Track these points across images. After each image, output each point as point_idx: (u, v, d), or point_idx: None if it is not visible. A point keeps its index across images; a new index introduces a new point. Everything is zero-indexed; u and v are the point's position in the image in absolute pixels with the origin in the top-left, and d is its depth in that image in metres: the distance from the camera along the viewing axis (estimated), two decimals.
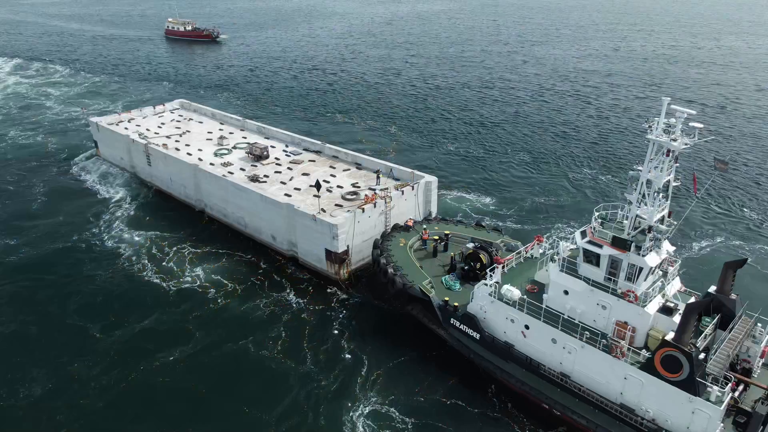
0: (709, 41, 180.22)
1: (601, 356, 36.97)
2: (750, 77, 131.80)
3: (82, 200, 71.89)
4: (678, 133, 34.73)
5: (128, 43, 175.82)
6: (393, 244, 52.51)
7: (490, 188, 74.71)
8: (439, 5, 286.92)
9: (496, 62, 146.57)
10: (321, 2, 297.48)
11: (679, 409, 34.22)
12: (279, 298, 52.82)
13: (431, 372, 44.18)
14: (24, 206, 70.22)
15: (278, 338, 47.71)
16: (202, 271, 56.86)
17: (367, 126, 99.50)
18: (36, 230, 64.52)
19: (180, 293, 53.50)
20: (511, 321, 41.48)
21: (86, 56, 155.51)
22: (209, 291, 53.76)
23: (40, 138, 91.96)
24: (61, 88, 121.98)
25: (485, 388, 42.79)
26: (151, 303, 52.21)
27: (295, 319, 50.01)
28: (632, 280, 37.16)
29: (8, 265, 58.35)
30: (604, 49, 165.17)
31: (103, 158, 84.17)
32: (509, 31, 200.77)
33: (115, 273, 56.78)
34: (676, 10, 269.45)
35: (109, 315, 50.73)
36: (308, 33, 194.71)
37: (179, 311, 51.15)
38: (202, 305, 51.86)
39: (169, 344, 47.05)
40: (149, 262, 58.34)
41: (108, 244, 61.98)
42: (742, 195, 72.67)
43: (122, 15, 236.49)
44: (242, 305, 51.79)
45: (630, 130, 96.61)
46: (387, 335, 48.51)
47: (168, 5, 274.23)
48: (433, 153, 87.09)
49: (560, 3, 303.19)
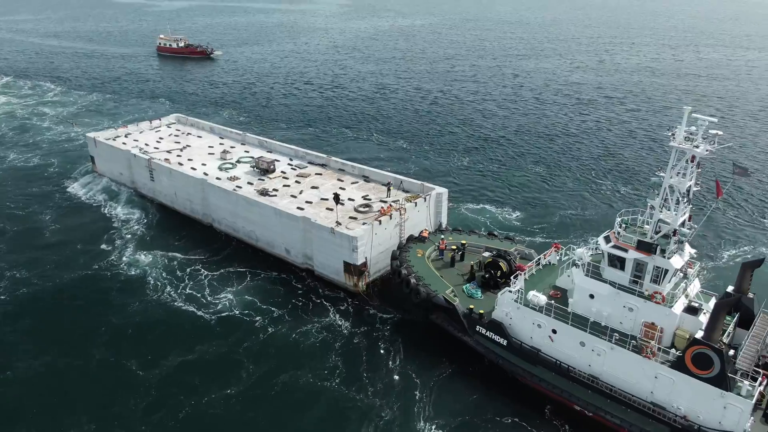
0: (691, 53, 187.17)
1: (631, 357, 38.59)
2: (736, 86, 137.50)
3: (92, 223, 70.20)
4: (700, 140, 36.87)
5: (120, 60, 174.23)
6: (411, 255, 53.78)
7: (502, 199, 76.72)
8: (420, 20, 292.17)
9: (488, 77, 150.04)
10: (302, 18, 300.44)
11: (711, 405, 35.93)
12: (321, 321, 51.81)
13: (478, 388, 44.47)
14: (34, 234, 67.22)
15: (329, 364, 46.53)
16: (232, 295, 55.29)
17: (370, 140, 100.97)
18: (50, 259, 61.54)
19: (221, 322, 51.60)
20: (537, 326, 42.93)
21: (77, 74, 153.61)
22: (249, 318, 52.06)
23: (38, 159, 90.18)
24: (56, 107, 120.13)
25: (540, 407, 42.75)
26: (190, 333, 50.22)
27: (341, 342, 49.12)
28: (658, 282, 39.03)
29: (27, 297, 55.26)
30: (590, 62, 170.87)
31: (100, 174, 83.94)
32: (493, 46, 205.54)
33: (142, 301, 54.51)
34: (653, 24, 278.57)
35: (145, 348, 48.35)
36: (295, 49, 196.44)
37: (223, 341, 49.11)
38: (242, 332, 50.24)
39: (218, 378, 44.91)
40: (175, 287, 56.49)
41: (127, 269, 59.86)
42: (754, 197, 76.43)
43: (105, 32, 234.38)
44: (287, 331, 50.36)
45: (630, 139, 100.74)
46: (422, 348, 48.50)
47: (145, 21, 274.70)
48: (441, 165, 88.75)
49: (537, 18, 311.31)
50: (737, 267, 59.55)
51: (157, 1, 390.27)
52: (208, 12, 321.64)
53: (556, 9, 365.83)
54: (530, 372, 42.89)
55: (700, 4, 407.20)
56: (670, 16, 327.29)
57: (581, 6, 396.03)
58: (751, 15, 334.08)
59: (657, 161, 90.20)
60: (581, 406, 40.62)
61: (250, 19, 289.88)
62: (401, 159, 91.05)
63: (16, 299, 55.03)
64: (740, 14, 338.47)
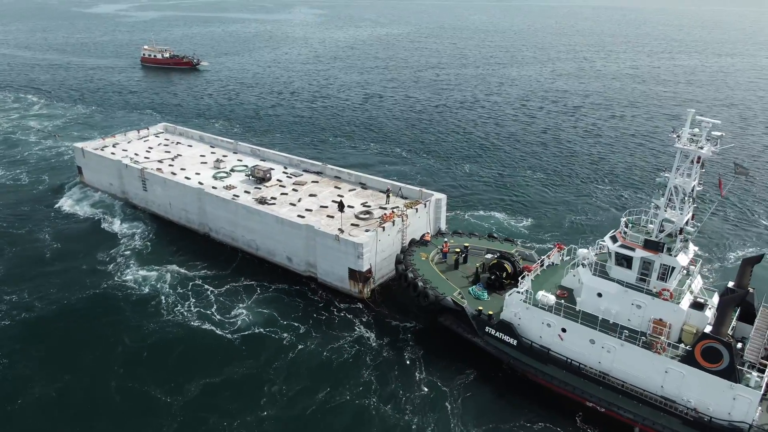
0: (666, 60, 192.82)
1: (641, 353, 39.95)
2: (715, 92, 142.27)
3: (90, 239, 68.07)
4: (704, 141, 38.64)
5: (102, 71, 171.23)
6: (415, 259, 54.68)
7: (503, 204, 78.16)
8: (397, 29, 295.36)
9: (473, 85, 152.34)
10: (279, 27, 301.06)
11: (720, 397, 37.41)
12: (346, 334, 51.04)
13: (503, 393, 44.94)
14: (33, 255, 64.42)
15: (362, 380, 45.72)
16: (247, 310, 54.11)
17: (364, 148, 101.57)
18: (54, 281, 58.89)
19: (244, 340, 50.17)
20: (547, 325, 44.10)
21: (56, 86, 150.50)
22: (273, 334, 50.92)
23: (26, 175, 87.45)
24: (42, 120, 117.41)
25: (571, 413, 42.78)
26: (211, 353, 48.66)
27: (370, 355, 48.52)
28: (665, 279, 40.59)
29: (34, 322, 52.74)
30: (571, 69, 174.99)
31: (88, 185, 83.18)
32: (473, 54, 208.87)
33: (154, 321, 52.56)
34: (625, 31, 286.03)
35: (165, 371, 46.49)
36: (276, 59, 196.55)
37: (250, 360, 47.71)
38: (266, 349, 49.05)
39: (249, 399, 43.44)
40: (186, 305, 54.98)
41: (134, 288, 57.81)
42: (751, 195, 79.95)
43: (79, 44, 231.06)
44: (314, 347, 49.36)
45: (619, 143, 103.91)
46: (440, 354, 48.70)
47: (119, 32, 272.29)
48: (438, 172, 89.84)
49: (512, 26, 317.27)
50: (727, 263, 62.83)
51: (130, 12, 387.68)
52: (183, 22, 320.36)
53: (528, 18, 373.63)
54: (542, 371, 43.98)
55: (666, 13, 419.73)
56: (640, 23, 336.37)
57: (553, 15, 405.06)
58: (718, 23, 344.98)
59: (647, 164, 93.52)
60: (594, 402, 41.81)
61: (226, 29, 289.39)
62: (397, 167, 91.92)
63: (21, 324, 52.46)
64: (708, 22, 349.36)
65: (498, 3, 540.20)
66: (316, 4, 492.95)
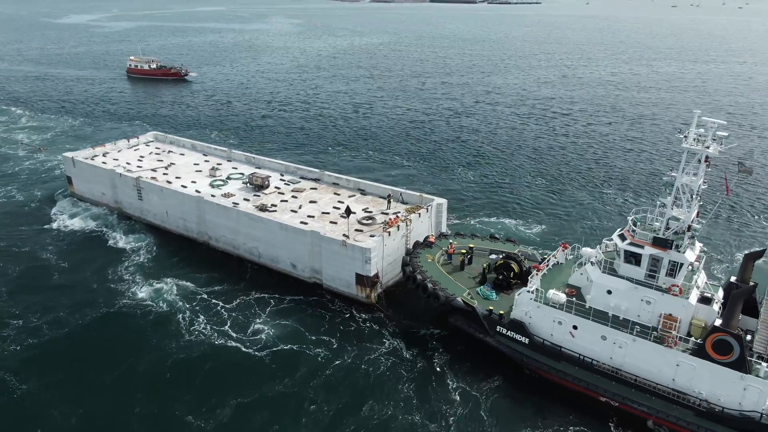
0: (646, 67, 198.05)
1: (652, 347, 41.32)
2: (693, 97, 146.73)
3: (95, 255, 66.29)
4: (709, 141, 40.42)
5: (86, 83, 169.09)
6: (422, 261, 55.58)
7: (505, 209, 79.73)
8: (376, 39, 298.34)
9: (461, 93, 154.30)
10: (257, 37, 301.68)
11: (731, 387, 38.91)
12: (377, 346, 50.56)
13: (529, 397, 45.32)
14: (38, 274, 62.29)
15: (402, 394, 45.14)
16: (269, 325, 53.04)
17: (359, 157, 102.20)
18: (63, 301, 56.86)
19: (275, 356, 48.99)
20: (558, 323, 45.28)
21: (36, 98, 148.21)
22: (300, 349, 49.88)
23: (17, 192, 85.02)
24: (31, 134, 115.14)
25: (604, 417, 43.07)
26: (241, 371, 47.13)
27: (404, 367, 48.19)
28: (673, 275, 42.12)
29: (49, 344, 50.63)
30: (554, 77, 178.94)
31: (79, 195, 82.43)
32: (456, 63, 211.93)
33: (173, 339, 50.89)
34: (600, 39, 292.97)
35: (192, 393, 44.73)
36: (260, 69, 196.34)
37: (282, 378, 46.45)
38: (295, 365, 48.07)
39: (289, 419, 42.30)
40: (204, 320, 53.47)
41: (148, 305, 56.07)
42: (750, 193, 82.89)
43: (54, 54, 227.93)
44: (349, 361, 48.49)
45: (611, 148, 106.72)
46: (466, 360, 49.02)
47: (95, 42, 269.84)
48: (438, 179, 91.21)
49: (489, 35, 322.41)
50: (729, 258, 65.11)
51: (102, 22, 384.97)
52: (159, 33, 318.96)
53: (504, 27, 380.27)
54: (555, 368, 45.10)
55: (638, 22, 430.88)
56: (614, 33, 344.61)
57: (527, 24, 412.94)
58: (689, 30, 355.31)
59: (641, 166, 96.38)
60: (607, 397, 43.03)
61: (204, 39, 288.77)
62: (395, 174, 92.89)
63: (35, 347, 50.36)
64: (678, 31, 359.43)
65: (471, 12, 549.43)
66: (291, 14, 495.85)
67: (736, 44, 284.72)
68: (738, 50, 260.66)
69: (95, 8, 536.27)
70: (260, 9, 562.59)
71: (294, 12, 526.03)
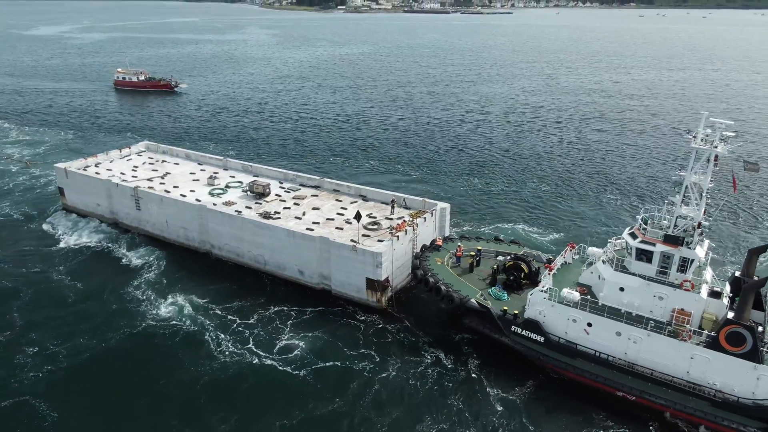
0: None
1: (667, 341, 42.87)
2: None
3: (106, 273, 64.44)
4: (717, 141, 42.38)
5: (74, 96, 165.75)
6: (431, 264, 56.63)
7: (508, 214, 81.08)
8: (356, 49, 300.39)
9: (450, 103, 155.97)
10: (235, 48, 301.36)
11: (744, 378, 40.63)
12: (418, 357, 50.20)
13: (567, 401, 45.69)
14: (51, 296, 60.09)
15: (454, 407, 44.72)
16: (299, 339, 52.16)
17: (358, 166, 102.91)
18: (84, 326, 54.52)
19: (315, 374, 47.93)
20: (573, 321, 46.62)
21: (27, 112, 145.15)
22: (341, 364, 49.14)
23: (12, 209, 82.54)
24: (23, 148, 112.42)
25: (644, 420, 43.61)
26: (282, 391, 45.95)
27: (448, 377, 48.09)
28: (684, 271, 43.83)
29: (76, 369, 48.77)
30: (538, 86, 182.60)
31: (71, 207, 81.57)
32: (439, 72, 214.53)
33: (202, 359, 49.47)
34: (575, 48, 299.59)
35: (234, 415, 43.36)
36: (245, 79, 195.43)
37: (326, 395, 45.44)
38: (338, 381, 47.16)
39: None
40: (231, 337, 52.18)
41: (169, 324, 54.49)
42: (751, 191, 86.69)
43: (29, 67, 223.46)
44: (394, 375, 47.92)
45: (604, 153, 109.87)
46: (498, 365, 49.37)
47: (69, 54, 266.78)
48: (439, 187, 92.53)
49: (468, 44, 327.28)
50: (732, 253, 67.50)
51: (74, 34, 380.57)
52: (134, 44, 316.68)
53: (480, 37, 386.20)
54: (572, 365, 46.38)
55: (608, 31, 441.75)
56: (588, 41, 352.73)
57: (503, 33, 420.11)
58: (660, 40, 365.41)
59: (632, 171, 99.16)
60: (624, 392, 44.45)
61: (182, 50, 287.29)
62: (396, 181, 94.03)
63: (62, 372, 48.57)
64: (650, 40, 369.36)
65: (446, 22, 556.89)
66: (265, 24, 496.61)
67: (707, 52, 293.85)
68: (710, 58, 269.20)
69: (65, 19, 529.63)
70: (233, 20, 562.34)
71: (268, 22, 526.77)
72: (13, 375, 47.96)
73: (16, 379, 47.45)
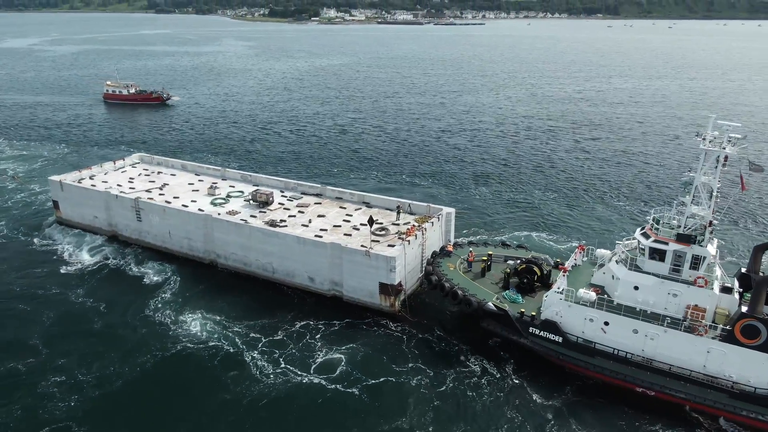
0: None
1: (684, 336, 44.60)
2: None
3: (126, 292, 63.12)
4: (725, 143, 44.54)
5: (64, 110, 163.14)
6: (444, 269, 57.82)
7: (512, 220, 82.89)
8: (336, 60, 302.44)
9: (440, 113, 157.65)
10: (214, 59, 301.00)
11: (760, 369, 42.53)
12: (462, 368, 50.44)
13: (612, 404, 46.31)
14: (77, 319, 58.39)
15: (500, 419, 44.88)
16: (338, 354, 51.61)
17: (357, 175, 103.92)
18: (115, 351, 52.85)
19: (370, 391, 47.39)
20: (589, 320, 48.15)
21: (10, 127, 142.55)
22: (387, 380, 48.75)
23: (8, 230, 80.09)
24: (17, 165, 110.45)
25: (691, 423, 44.32)
26: (340, 412, 45.42)
27: (494, 385, 48.43)
28: (696, 268, 45.74)
29: (113, 395, 47.45)
30: (522, 96, 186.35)
31: (66, 220, 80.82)
32: (423, 82, 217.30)
33: (246, 382, 48.28)
34: (552, 58, 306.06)
35: None
36: (230, 92, 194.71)
37: (398, 416, 44.89)
38: (399, 398, 46.85)
39: None
40: (264, 356, 51.32)
41: (199, 346, 52.99)
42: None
43: (9, 81, 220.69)
44: (449, 387, 48.14)
45: (598, 158, 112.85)
46: (531, 368, 50.00)
47: (43, 67, 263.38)
48: (442, 192, 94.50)
49: (446, 55, 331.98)
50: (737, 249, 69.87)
51: (45, 46, 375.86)
52: (109, 56, 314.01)
53: (457, 48, 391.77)
54: (591, 363, 47.80)
55: (579, 41, 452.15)
56: (563, 52, 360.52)
57: (480, 44, 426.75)
58: (632, 50, 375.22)
59: (631, 176, 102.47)
60: (644, 387, 45.97)
61: (158, 62, 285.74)
62: (399, 188, 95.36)
63: (100, 398, 47.12)
64: (623, 50, 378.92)
65: (421, 33, 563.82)
66: (240, 36, 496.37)
67: (680, 61, 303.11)
68: (683, 66, 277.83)
69: (32, 32, 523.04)
70: (207, 31, 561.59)
71: (242, 34, 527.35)
72: (42, 405, 45.94)
73: (45, 410, 45.47)
